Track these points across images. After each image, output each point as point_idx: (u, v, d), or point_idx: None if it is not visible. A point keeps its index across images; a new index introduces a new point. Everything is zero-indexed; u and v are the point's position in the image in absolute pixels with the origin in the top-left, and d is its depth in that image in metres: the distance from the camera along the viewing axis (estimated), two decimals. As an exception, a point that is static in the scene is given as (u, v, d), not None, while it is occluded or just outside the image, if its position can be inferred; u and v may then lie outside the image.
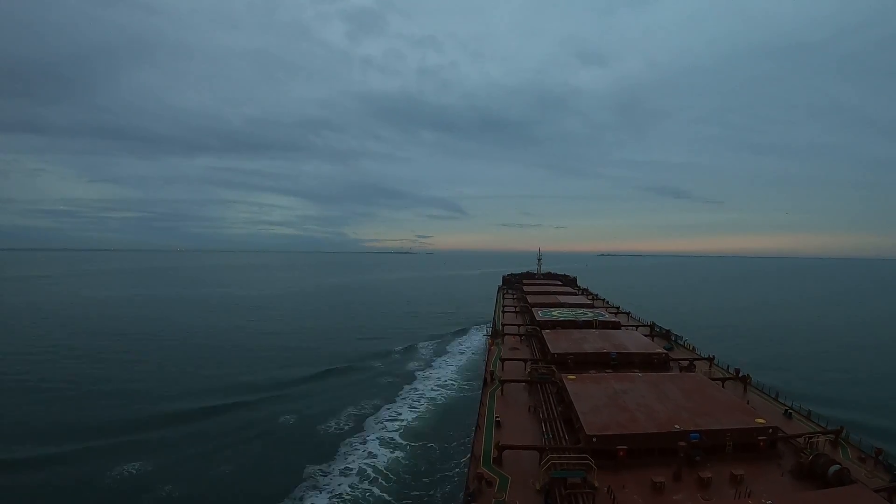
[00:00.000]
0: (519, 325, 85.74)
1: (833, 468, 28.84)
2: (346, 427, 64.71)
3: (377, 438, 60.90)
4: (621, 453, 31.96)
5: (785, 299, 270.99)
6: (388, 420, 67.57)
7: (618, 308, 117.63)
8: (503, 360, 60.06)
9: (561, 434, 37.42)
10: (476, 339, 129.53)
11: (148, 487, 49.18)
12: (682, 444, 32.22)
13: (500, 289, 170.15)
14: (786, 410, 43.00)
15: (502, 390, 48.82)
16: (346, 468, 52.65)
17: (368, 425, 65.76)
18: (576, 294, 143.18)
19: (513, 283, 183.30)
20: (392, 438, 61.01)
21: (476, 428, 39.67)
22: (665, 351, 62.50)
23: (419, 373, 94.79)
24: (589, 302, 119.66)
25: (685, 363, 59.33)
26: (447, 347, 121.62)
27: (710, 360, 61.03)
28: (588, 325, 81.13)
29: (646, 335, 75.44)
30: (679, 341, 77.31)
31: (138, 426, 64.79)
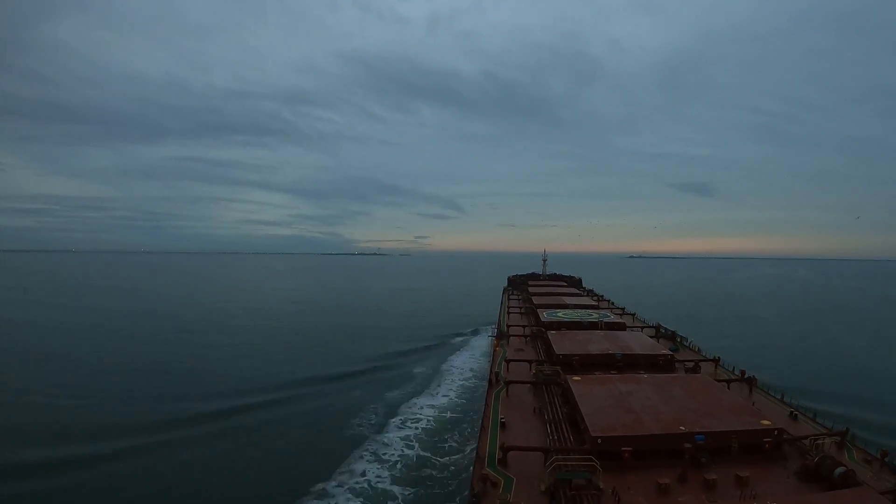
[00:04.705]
0: (524, 326, 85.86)
1: (839, 470, 28.82)
2: (349, 429, 64.94)
3: (379, 439, 60.97)
4: (626, 455, 32.09)
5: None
6: (390, 421, 67.64)
7: (623, 309, 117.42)
8: (508, 362, 60.24)
9: (566, 435, 37.56)
10: (481, 341, 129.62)
11: (156, 489, 49.61)
12: (688, 445, 32.30)
13: (505, 290, 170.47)
14: (791, 412, 42.93)
15: (507, 391, 49.01)
16: (349, 469, 52.80)
17: (371, 426, 65.97)
18: (581, 295, 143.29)
19: (518, 284, 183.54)
20: (395, 439, 61.09)
21: (481, 429, 39.92)
22: (670, 352, 62.50)
23: (422, 373, 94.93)
24: (594, 303, 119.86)
25: (690, 364, 59.40)
26: (451, 348, 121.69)
27: (716, 361, 61.05)
28: (593, 326, 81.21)
29: (651, 336, 75.36)
30: (685, 343, 77.25)
31: (144, 427, 65.16)
